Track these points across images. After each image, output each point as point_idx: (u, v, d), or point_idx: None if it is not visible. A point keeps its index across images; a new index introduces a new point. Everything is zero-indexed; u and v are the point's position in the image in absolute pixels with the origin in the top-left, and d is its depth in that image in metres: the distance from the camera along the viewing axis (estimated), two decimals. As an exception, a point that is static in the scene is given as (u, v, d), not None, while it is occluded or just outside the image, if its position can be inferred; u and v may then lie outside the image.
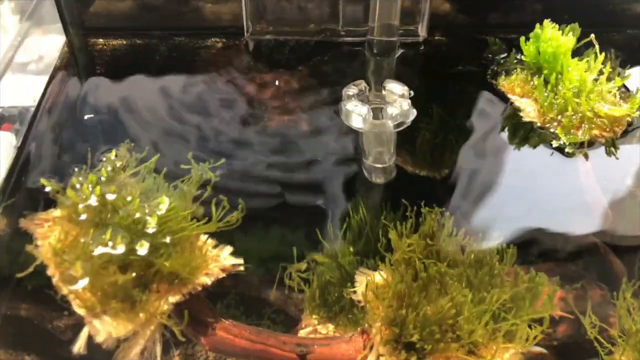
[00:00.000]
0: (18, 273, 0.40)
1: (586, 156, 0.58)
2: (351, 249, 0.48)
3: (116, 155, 0.45)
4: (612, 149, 0.59)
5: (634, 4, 0.76)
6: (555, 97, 0.60)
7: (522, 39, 0.64)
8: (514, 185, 0.57)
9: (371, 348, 0.39)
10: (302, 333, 0.43)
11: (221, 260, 0.42)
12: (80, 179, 0.42)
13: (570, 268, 0.50)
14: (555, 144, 0.59)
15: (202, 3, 0.72)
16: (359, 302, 0.41)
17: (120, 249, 0.38)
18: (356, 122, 0.60)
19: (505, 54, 0.69)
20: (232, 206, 0.43)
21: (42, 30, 0.69)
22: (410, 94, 0.63)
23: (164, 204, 0.40)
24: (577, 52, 0.63)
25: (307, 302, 0.45)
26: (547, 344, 0.43)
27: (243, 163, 0.57)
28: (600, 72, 0.61)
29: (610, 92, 0.60)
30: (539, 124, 0.61)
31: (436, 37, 0.75)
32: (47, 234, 0.41)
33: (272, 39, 0.72)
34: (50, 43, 0.71)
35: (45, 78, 0.66)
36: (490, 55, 0.70)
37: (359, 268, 0.44)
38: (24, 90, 0.65)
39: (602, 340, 0.41)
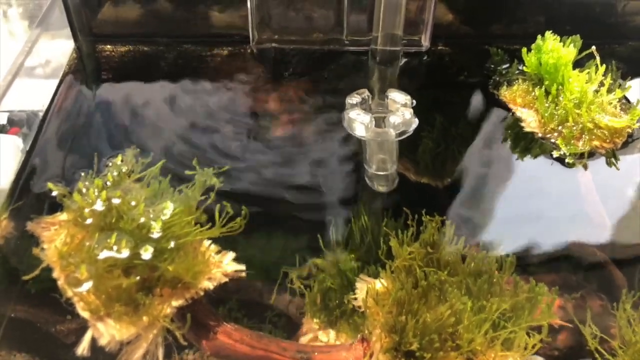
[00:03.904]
0: (24, 275, 0.40)
1: (585, 167, 0.59)
2: (352, 256, 0.48)
3: (122, 161, 0.46)
4: (613, 159, 0.59)
5: (636, 16, 0.76)
6: (556, 108, 0.60)
7: (524, 50, 0.65)
8: (515, 195, 0.58)
9: (371, 356, 0.39)
10: (302, 339, 0.44)
11: (224, 265, 0.42)
12: (87, 183, 0.43)
13: (570, 278, 0.50)
14: (555, 154, 0.59)
15: (209, 11, 0.73)
16: (360, 308, 0.42)
17: (125, 253, 0.38)
18: (359, 131, 0.60)
19: (507, 65, 0.69)
20: (235, 212, 0.44)
21: (51, 37, 0.70)
22: (412, 103, 0.63)
23: (169, 209, 0.41)
24: (579, 64, 0.63)
25: (308, 307, 0.45)
26: (548, 353, 0.43)
27: (247, 169, 0.58)
28: (601, 84, 0.61)
29: (611, 103, 0.61)
30: (539, 135, 0.61)
31: (439, 47, 0.75)
32: (53, 237, 0.41)
33: (277, 47, 0.73)
34: (59, 49, 0.72)
35: (54, 83, 0.67)
36: (492, 66, 0.70)
37: (360, 275, 0.44)
38: (32, 95, 0.66)
39: (603, 351, 0.41)
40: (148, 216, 0.40)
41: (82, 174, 0.45)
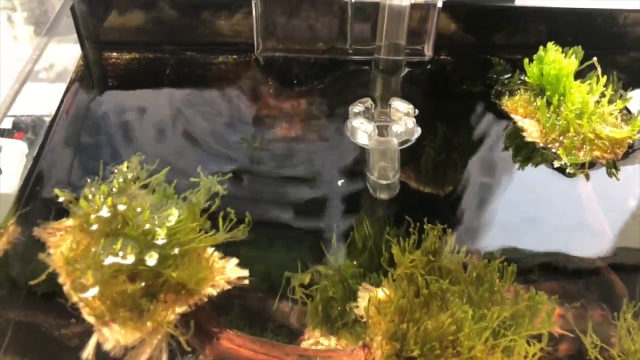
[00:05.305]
0: (30, 280, 0.41)
1: (587, 176, 0.59)
2: (354, 263, 0.49)
3: (127, 167, 0.46)
4: (613, 170, 0.60)
5: (637, 27, 0.77)
6: (558, 118, 0.61)
7: (526, 60, 0.65)
8: (516, 204, 0.58)
9: (372, 361, 0.39)
10: (304, 345, 0.44)
11: (227, 272, 0.43)
12: (93, 189, 0.43)
13: (571, 288, 0.50)
14: (556, 164, 0.60)
15: (214, 19, 0.74)
16: (362, 317, 0.42)
17: (130, 259, 0.39)
18: (362, 139, 0.61)
19: (509, 75, 0.70)
20: (239, 219, 0.44)
21: (58, 43, 0.71)
22: (415, 112, 0.64)
23: (173, 215, 0.41)
24: (581, 74, 0.64)
25: (310, 316, 0.45)
26: (549, 362, 0.44)
27: (250, 177, 0.58)
28: (602, 95, 0.62)
29: (612, 114, 0.61)
30: (541, 144, 0.62)
31: (442, 57, 0.76)
32: (59, 242, 0.42)
33: (281, 55, 0.74)
34: (66, 56, 0.73)
35: (60, 89, 0.68)
36: (494, 76, 0.71)
37: (362, 283, 0.45)
38: (38, 101, 0.67)
39: (602, 360, 0.41)
40: (153, 223, 0.41)
41: (88, 180, 0.46)
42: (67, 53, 0.73)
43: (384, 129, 0.62)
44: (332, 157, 0.61)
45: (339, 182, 0.54)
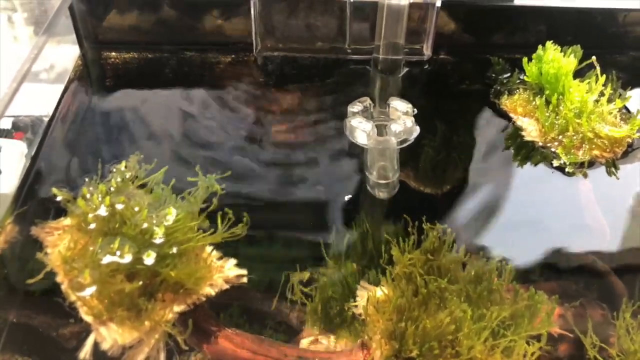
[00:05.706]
0: (28, 279, 0.41)
1: (586, 175, 0.59)
2: (353, 263, 0.49)
3: (126, 167, 0.46)
4: (612, 169, 0.60)
5: (636, 26, 0.77)
6: (557, 117, 0.61)
7: (525, 59, 0.65)
8: (515, 203, 0.58)
9: (371, 361, 0.39)
10: (303, 342, 0.44)
11: (225, 271, 0.42)
12: (91, 189, 0.43)
13: (570, 287, 0.50)
14: (555, 163, 0.60)
15: (213, 19, 0.74)
16: (360, 315, 0.42)
17: (128, 258, 0.39)
18: (360, 138, 0.61)
19: (508, 74, 0.70)
20: (237, 218, 0.44)
21: (57, 43, 0.71)
22: (414, 112, 0.64)
23: (171, 215, 0.41)
24: (580, 73, 0.64)
25: (309, 315, 0.45)
26: (548, 363, 0.44)
27: (248, 176, 0.58)
28: (602, 94, 0.62)
29: (611, 113, 0.61)
30: (540, 144, 0.61)
31: (441, 56, 0.76)
32: (57, 242, 0.42)
33: (280, 55, 0.74)
34: (64, 55, 0.73)
35: (59, 89, 0.68)
36: (493, 75, 0.71)
37: (360, 282, 0.45)
38: (37, 101, 0.67)
39: (601, 360, 0.41)
40: (151, 222, 0.41)
41: (86, 179, 0.46)
42: (65, 53, 0.73)
43: (382, 128, 0.62)
44: (331, 156, 0.61)
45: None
